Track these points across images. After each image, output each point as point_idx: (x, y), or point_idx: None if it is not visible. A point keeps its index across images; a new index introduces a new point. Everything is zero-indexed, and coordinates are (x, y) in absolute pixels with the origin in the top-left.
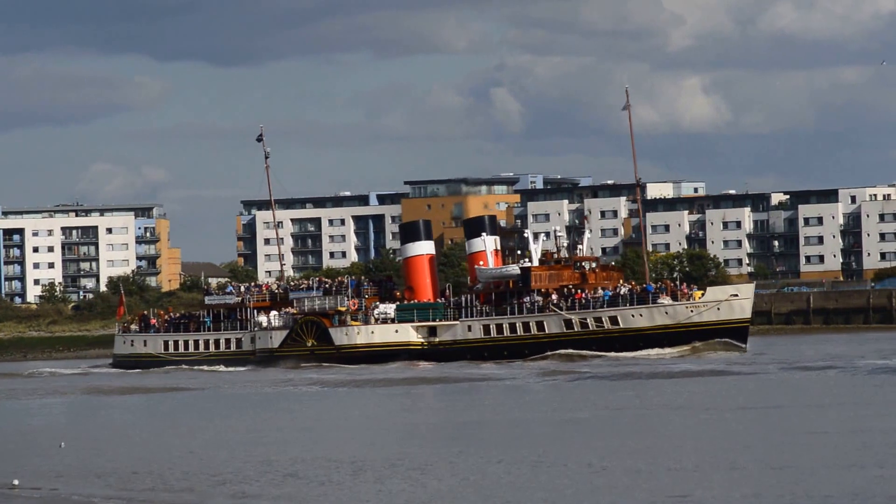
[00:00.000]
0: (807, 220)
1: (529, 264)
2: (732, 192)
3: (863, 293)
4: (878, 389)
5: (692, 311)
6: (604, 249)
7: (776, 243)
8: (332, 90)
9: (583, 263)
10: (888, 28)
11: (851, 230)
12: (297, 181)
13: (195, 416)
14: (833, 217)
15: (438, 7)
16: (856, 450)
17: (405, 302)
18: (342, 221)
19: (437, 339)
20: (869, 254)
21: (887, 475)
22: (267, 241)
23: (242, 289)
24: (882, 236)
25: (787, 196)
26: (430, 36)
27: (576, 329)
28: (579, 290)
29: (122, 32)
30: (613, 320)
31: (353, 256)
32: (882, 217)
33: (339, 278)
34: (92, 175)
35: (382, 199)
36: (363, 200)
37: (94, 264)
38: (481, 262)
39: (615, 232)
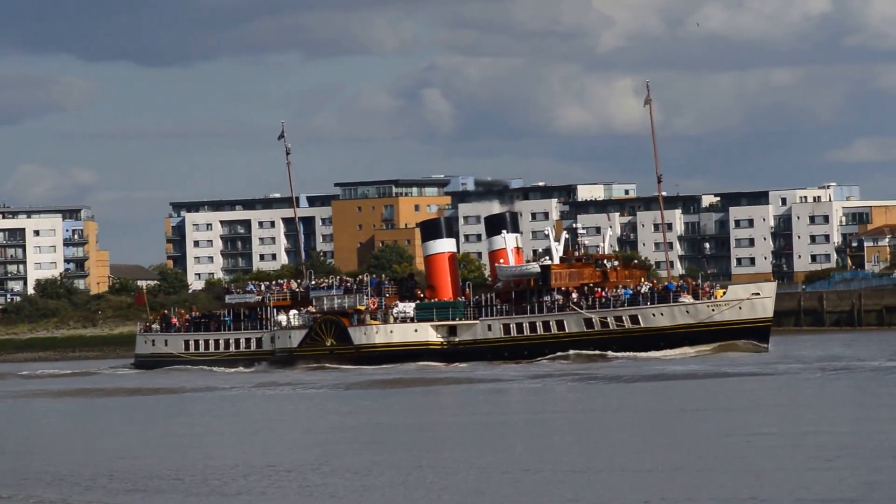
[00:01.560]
0: (737, 223)
1: (550, 262)
2: (663, 194)
3: (794, 296)
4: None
5: (713, 309)
6: (535, 251)
7: (707, 245)
8: (262, 91)
9: (604, 261)
10: (818, 29)
11: (782, 232)
12: (226, 183)
13: (125, 420)
14: (764, 219)
15: (368, 8)
16: (766, 453)
17: (426, 301)
18: (272, 223)
19: (456, 339)
20: (800, 256)
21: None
22: (196, 244)
23: (263, 287)
24: (812, 238)
25: (718, 198)
26: (361, 37)
27: (596, 328)
28: (599, 289)
29: (51, 32)
30: (634, 319)
31: (284, 259)
32: (812, 219)
33: (360, 276)
34: (19, 176)
35: (313, 201)
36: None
37: (21, 267)
38: (501, 261)
39: (546, 235)
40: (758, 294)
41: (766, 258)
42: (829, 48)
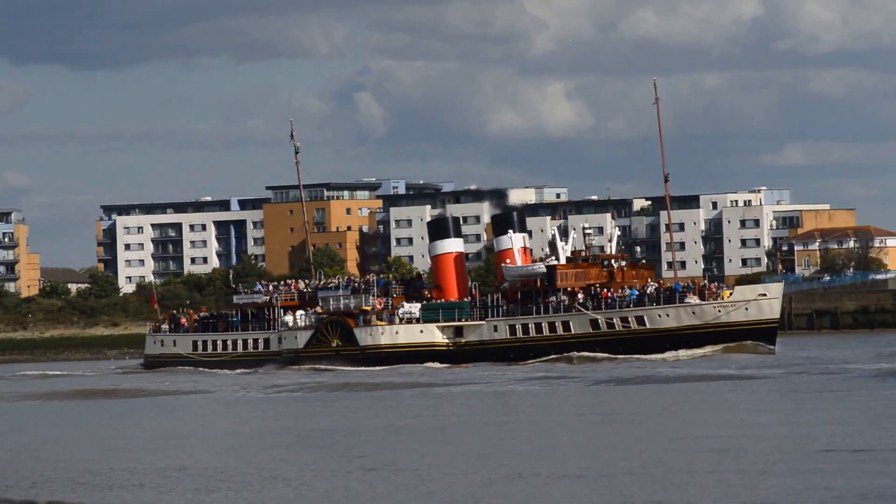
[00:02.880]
0: (667, 227)
1: (556, 262)
2: (595, 197)
3: None
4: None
5: (720, 310)
6: (466, 255)
7: (638, 249)
8: (194, 95)
9: (611, 262)
10: (749, 33)
11: (713, 236)
12: (157, 186)
13: (53, 422)
14: (695, 223)
15: (300, 11)
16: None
17: (433, 301)
18: (203, 227)
19: (462, 340)
20: (730, 260)
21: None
22: (127, 247)
23: (271, 287)
24: (743, 242)
25: (649, 202)
26: (293, 40)
27: (602, 329)
28: (606, 290)
29: None
30: (640, 320)
31: (215, 262)
32: (743, 223)
33: (367, 276)
34: None
35: (244, 205)
36: (224, 205)
37: None
38: (508, 261)
39: (478, 238)
40: (764, 295)
41: (696, 262)
42: (760, 52)
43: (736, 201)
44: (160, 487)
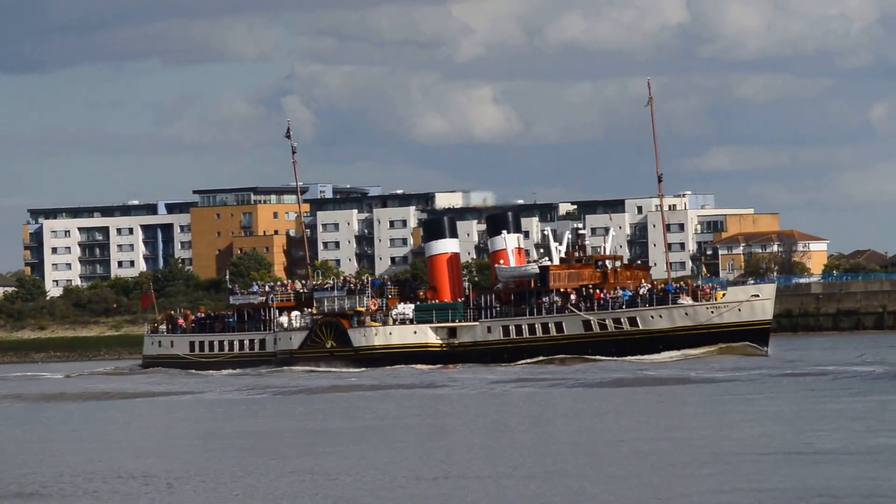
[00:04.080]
0: (594, 230)
1: (549, 263)
2: (521, 201)
3: None
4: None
5: (712, 311)
6: (393, 259)
7: None
8: (121, 98)
9: (605, 262)
10: (675, 38)
11: (638, 240)
12: (84, 190)
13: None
14: (620, 227)
15: (228, 15)
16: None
17: (427, 302)
18: (130, 230)
19: (456, 341)
20: (655, 264)
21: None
22: (54, 251)
23: (267, 288)
24: (669, 246)
25: (575, 206)
26: (220, 44)
27: (595, 330)
28: (598, 290)
29: None
30: (633, 321)
31: (142, 265)
32: (668, 227)
33: (364, 277)
34: None
35: (171, 209)
36: (151, 209)
37: None
38: (501, 261)
39: (404, 242)
40: (757, 296)
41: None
42: (685, 58)
43: (659, 205)
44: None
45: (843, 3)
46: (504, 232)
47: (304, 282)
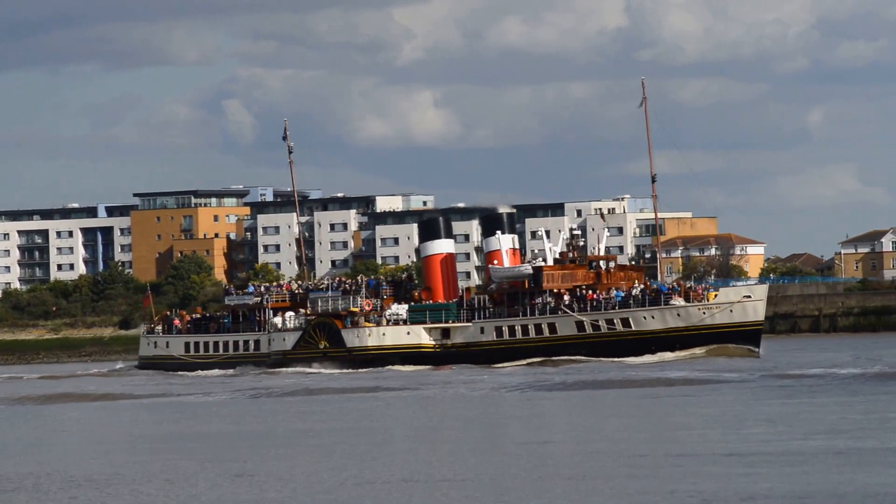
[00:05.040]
0: (533, 234)
1: (542, 263)
2: (461, 205)
3: None
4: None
5: (704, 312)
6: (334, 262)
7: None
8: (62, 101)
9: (599, 263)
10: (614, 43)
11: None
12: (24, 193)
13: None
14: (560, 230)
15: (169, 19)
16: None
17: (422, 302)
18: (70, 233)
19: (449, 342)
20: None
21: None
22: None
23: (263, 289)
24: (607, 250)
25: (514, 209)
26: (161, 48)
27: (588, 331)
28: (591, 291)
29: None
30: (625, 322)
31: (82, 268)
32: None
33: (359, 277)
34: None
35: (111, 212)
36: (91, 212)
37: None
38: (495, 262)
39: (345, 245)
40: (749, 297)
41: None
42: (624, 62)
43: (600, 209)
44: None
45: (779, 9)
46: (498, 232)
47: (299, 283)
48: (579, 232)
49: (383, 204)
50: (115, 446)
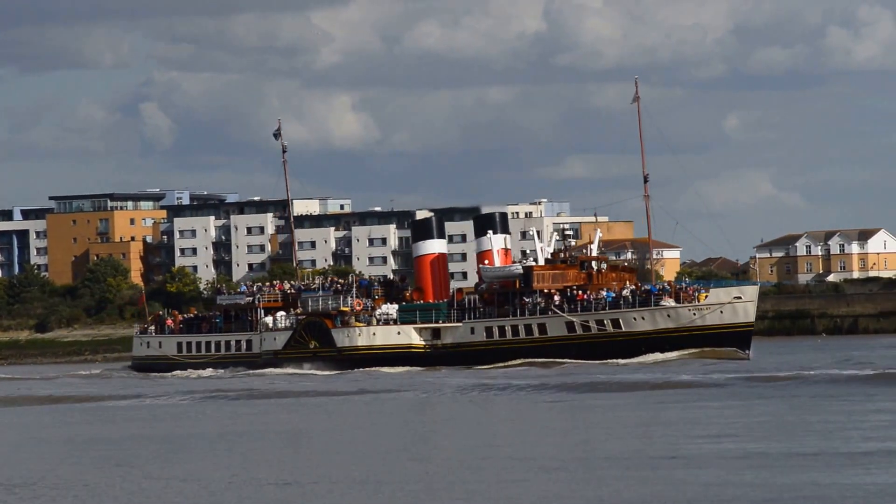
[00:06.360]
0: (450, 238)
1: (533, 263)
2: (378, 209)
3: None
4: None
5: (695, 313)
6: (251, 265)
7: None
8: None
9: (591, 263)
10: (532, 48)
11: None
12: None
13: None
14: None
15: (86, 23)
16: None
17: (413, 302)
18: None
19: (439, 342)
20: None
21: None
22: None
23: (255, 288)
24: (524, 254)
25: (432, 213)
26: (77, 51)
27: (578, 332)
28: (581, 291)
29: None
30: (615, 323)
31: None
32: (524, 234)
33: (351, 277)
34: None
35: (27, 215)
36: (6, 216)
37: None
38: (486, 262)
39: (262, 248)
40: (739, 298)
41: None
42: (543, 67)
43: (517, 213)
44: None
45: (697, 14)
46: (490, 232)
47: (292, 282)
48: (571, 232)
49: (300, 207)
50: (31, 451)
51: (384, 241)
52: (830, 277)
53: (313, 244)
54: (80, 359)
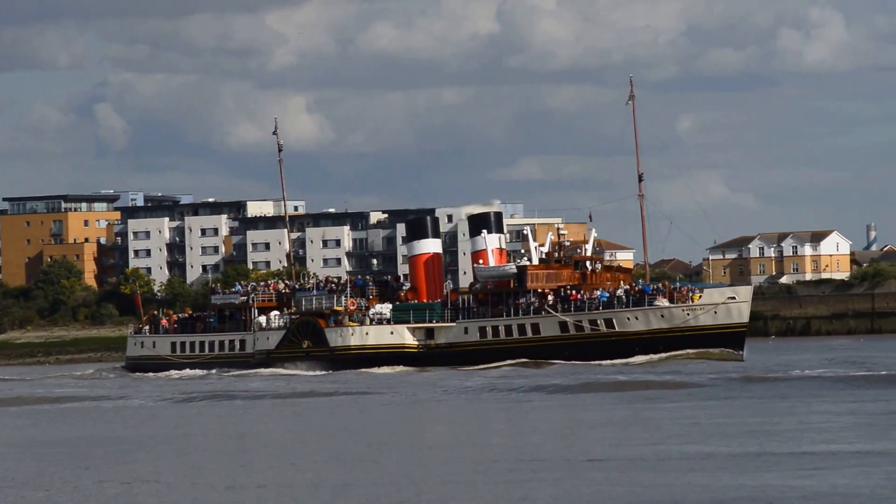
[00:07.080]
0: (403, 238)
1: (527, 263)
2: (332, 210)
3: None
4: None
5: (688, 314)
6: (205, 267)
7: (374, 261)
8: None
9: (585, 263)
10: (486, 49)
11: (448, 249)
12: None
13: None
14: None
15: (38, 22)
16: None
17: (407, 302)
18: None
19: (433, 342)
20: (465, 272)
21: None
22: None
23: (249, 288)
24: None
25: (386, 215)
26: (31, 52)
27: (571, 332)
28: (575, 291)
29: None
30: (609, 323)
31: None
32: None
33: (346, 277)
34: None
35: None
36: None
37: None
38: (481, 261)
39: (216, 250)
40: (733, 298)
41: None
42: (496, 68)
43: (471, 213)
44: None
45: (649, 16)
46: (484, 231)
47: (286, 282)
48: (566, 232)
49: (254, 209)
50: None
51: (338, 242)
52: (783, 279)
53: (267, 245)
54: (68, 359)
